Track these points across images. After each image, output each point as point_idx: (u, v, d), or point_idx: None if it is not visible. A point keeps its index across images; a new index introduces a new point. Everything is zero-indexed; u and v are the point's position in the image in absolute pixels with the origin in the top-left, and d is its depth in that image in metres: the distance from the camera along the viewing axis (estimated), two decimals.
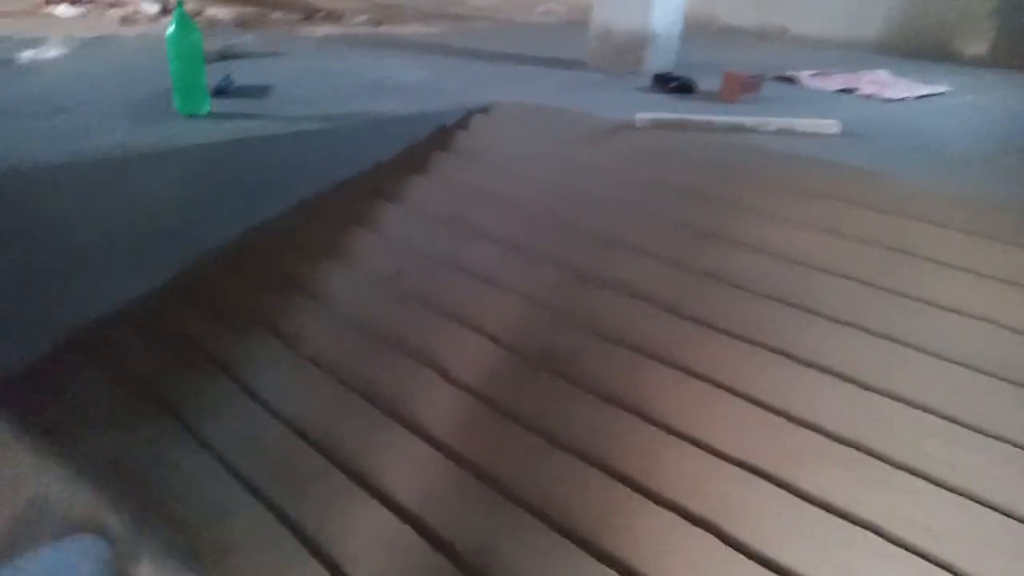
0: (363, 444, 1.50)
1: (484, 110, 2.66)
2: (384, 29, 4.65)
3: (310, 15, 4.93)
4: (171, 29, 2.15)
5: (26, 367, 1.86)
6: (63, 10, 4.47)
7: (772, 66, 3.54)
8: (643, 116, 2.38)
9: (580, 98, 2.89)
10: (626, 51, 3.44)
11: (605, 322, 1.65)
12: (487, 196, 2.15)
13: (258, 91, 2.63)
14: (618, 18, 3.45)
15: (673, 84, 3.00)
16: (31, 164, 1.80)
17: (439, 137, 2.51)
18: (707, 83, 2.99)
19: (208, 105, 2.27)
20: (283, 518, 1.37)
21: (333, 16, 4.99)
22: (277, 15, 4.90)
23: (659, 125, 2.36)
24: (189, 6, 4.90)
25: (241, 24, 4.40)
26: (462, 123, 2.58)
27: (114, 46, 3.49)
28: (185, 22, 2.14)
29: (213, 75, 2.45)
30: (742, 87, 2.80)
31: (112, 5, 4.80)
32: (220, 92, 2.47)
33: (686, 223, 1.92)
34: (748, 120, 2.38)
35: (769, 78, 3.15)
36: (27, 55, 3.06)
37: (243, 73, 2.76)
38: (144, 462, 1.57)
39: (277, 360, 1.75)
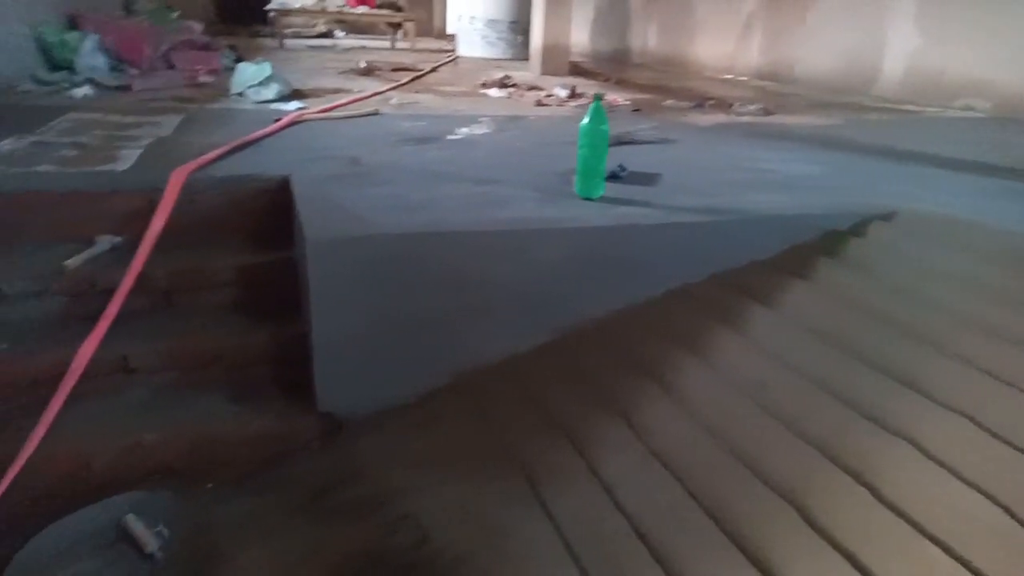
0: (704, 570, 1.41)
1: (885, 216, 2.40)
2: (775, 119, 4.56)
3: (701, 103, 5.07)
4: (586, 121, 2.36)
5: (414, 399, 2.18)
6: (493, 92, 5.30)
7: None
8: None
9: (1014, 214, 2.44)
10: None
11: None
12: (881, 319, 1.91)
13: (647, 178, 2.75)
14: None
15: None
16: (465, 223, 2.14)
17: (828, 242, 2.33)
18: None
19: (602, 190, 2.44)
20: None
21: (723, 104, 5.06)
22: (669, 102, 5.14)
23: None
24: (591, 91, 5.42)
25: (637, 110, 4.71)
26: (857, 229, 2.37)
27: (527, 126, 4.00)
28: (599, 115, 2.34)
29: (609, 160, 2.63)
30: None
31: (530, 89, 5.54)
32: (614, 177, 2.64)
33: None
34: None
35: None
36: (464, 130, 3.68)
37: (636, 160, 2.92)
38: (490, 516, 1.69)
39: (624, 448, 1.76)
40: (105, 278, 2.23)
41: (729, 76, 7.44)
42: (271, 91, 4.09)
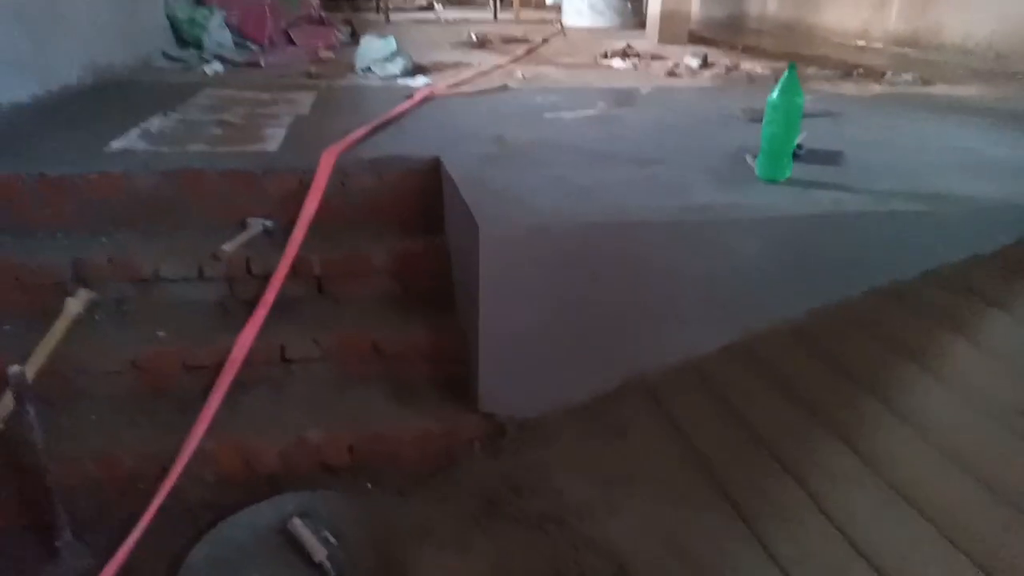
0: None
1: None
2: (940, 90, 4.09)
3: (848, 72, 4.63)
4: (775, 94, 2.10)
5: (586, 401, 2.00)
6: (616, 63, 5.01)
7: None
8: None
9: None
10: None
11: None
12: None
13: (829, 157, 2.45)
14: None
15: None
16: (641, 212, 1.93)
17: None
18: None
19: (789, 171, 2.17)
20: None
21: (873, 73, 4.60)
22: (811, 70, 4.72)
23: None
24: (725, 61, 5.06)
25: (778, 80, 4.32)
26: None
27: (668, 100, 3.71)
28: (793, 86, 2.08)
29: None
30: None
31: (654, 58, 5.22)
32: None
33: None
34: None
35: None
36: (601, 104, 3.44)
37: (805, 136, 2.61)
38: (698, 550, 1.49)
39: (853, 479, 1.51)
40: (260, 263, 2.15)
41: (862, 43, 6.84)
42: (397, 66, 3.97)
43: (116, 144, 2.44)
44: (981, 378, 1.62)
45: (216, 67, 4.02)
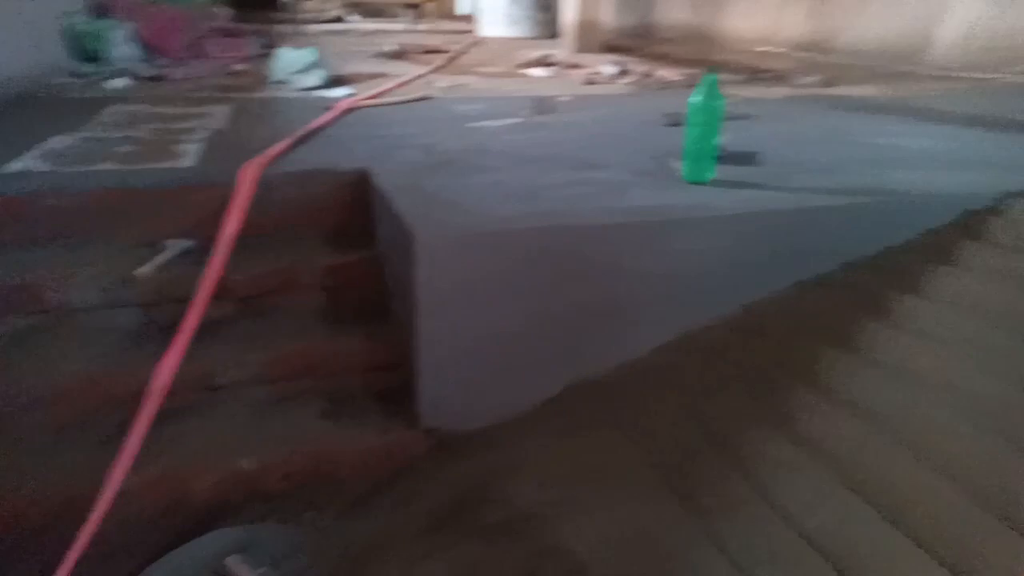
0: None
1: None
2: (841, 90, 4.32)
3: (754, 76, 4.82)
4: (696, 96, 2.15)
5: (536, 406, 1.99)
6: (535, 72, 5.06)
7: None
8: None
9: None
10: None
11: None
12: None
13: (746, 157, 2.53)
14: None
15: None
16: (587, 214, 1.95)
17: (968, 223, 2.13)
18: None
19: (713, 172, 2.23)
20: None
21: (779, 76, 4.81)
22: (721, 75, 4.88)
23: None
24: (640, 68, 5.18)
25: (690, 85, 4.47)
26: (998, 208, 2.15)
27: (589, 106, 3.76)
28: (712, 90, 2.13)
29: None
30: None
31: (572, 67, 5.30)
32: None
33: None
34: None
35: None
36: (524, 112, 3.45)
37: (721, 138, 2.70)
38: (659, 548, 1.49)
39: (792, 464, 1.56)
40: (179, 286, 2.04)
41: (766, 48, 7.16)
42: (316, 77, 3.87)
43: (15, 165, 2.28)
44: (910, 357, 1.70)
45: (122, 82, 3.82)
